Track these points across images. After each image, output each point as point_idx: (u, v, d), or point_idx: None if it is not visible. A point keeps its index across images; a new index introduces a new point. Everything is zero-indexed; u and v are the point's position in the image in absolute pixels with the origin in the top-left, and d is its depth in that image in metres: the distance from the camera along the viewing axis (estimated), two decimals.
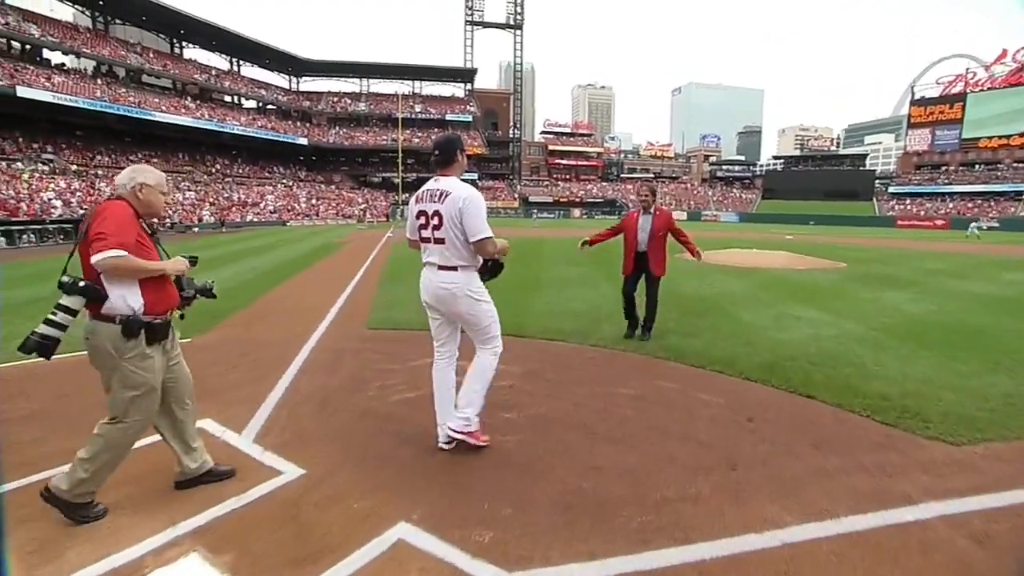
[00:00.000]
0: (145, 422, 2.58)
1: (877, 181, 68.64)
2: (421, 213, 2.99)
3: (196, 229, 32.11)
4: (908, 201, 60.48)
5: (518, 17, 70.51)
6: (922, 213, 54.89)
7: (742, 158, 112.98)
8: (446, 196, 2.90)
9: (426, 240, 3.00)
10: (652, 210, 5.55)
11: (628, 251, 5.63)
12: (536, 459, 3.11)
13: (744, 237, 26.71)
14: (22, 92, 33.82)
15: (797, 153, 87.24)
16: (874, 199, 63.29)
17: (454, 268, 2.95)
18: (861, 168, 72.12)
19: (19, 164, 31.54)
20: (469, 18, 69.35)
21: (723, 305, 7.69)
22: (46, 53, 40.50)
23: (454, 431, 3.11)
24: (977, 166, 59.52)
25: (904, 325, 6.56)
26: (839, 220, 52.62)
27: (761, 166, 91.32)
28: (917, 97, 65.27)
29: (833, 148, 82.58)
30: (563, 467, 3.01)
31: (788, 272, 11.85)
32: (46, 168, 32.96)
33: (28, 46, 38.88)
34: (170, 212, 33.21)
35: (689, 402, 3.98)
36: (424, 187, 3.06)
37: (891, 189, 64.58)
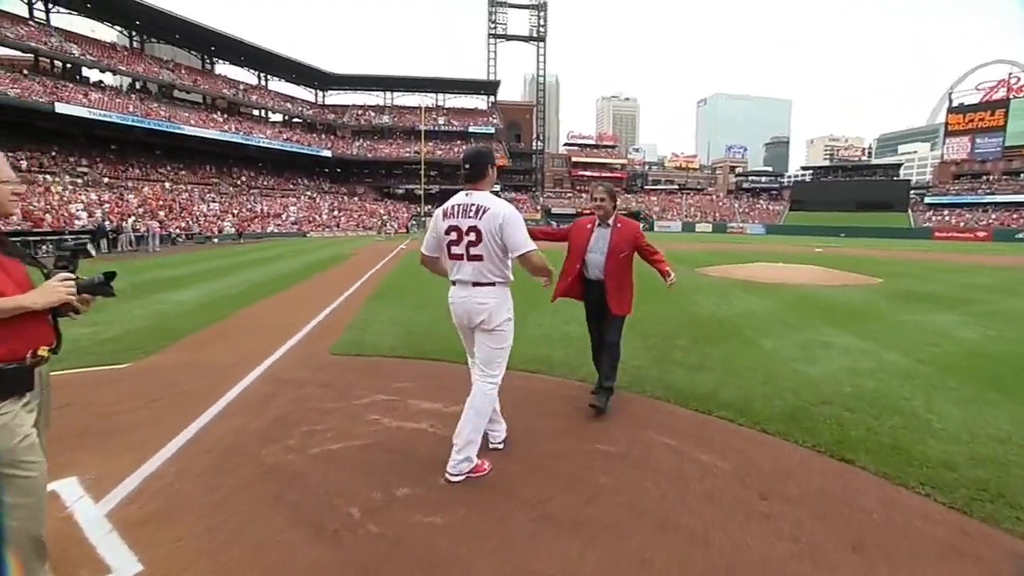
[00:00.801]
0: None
1: (912, 191, 65.65)
2: (452, 229, 2.85)
3: (215, 240, 32.26)
4: (946, 212, 57.51)
5: (541, 30, 70.27)
6: (962, 224, 52.06)
7: (769, 169, 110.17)
8: (484, 211, 2.79)
9: (457, 257, 2.88)
10: (611, 222, 3.83)
11: (566, 272, 3.89)
12: (458, 559, 2.24)
13: (771, 250, 25.39)
14: (60, 108, 34.92)
15: (826, 163, 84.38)
16: (909, 210, 60.47)
17: (491, 284, 2.86)
18: (895, 178, 69.13)
19: (48, 176, 32.23)
20: (492, 31, 69.45)
21: (742, 329, 6.68)
22: (85, 71, 41.81)
23: (455, 476, 2.88)
24: (1023, 175, 56.31)
25: (959, 356, 5.47)
26: (872, 232, 50.32)
27: (789, 177, 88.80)
28: (955, 104, 62.35)
29: (864, 158, 79.34)
30: (490, 571, 2.14)
31: (818, 289, 10.70)
32: (79, 181, 33.66)
33: (68, 64, 40.18)
34: (190, 222, 33.56)
35: (685, 467, 3.06)
36: (453, 201, 2.90)
37: (927, 199, 61.61)
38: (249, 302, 8.74)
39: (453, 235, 2.84)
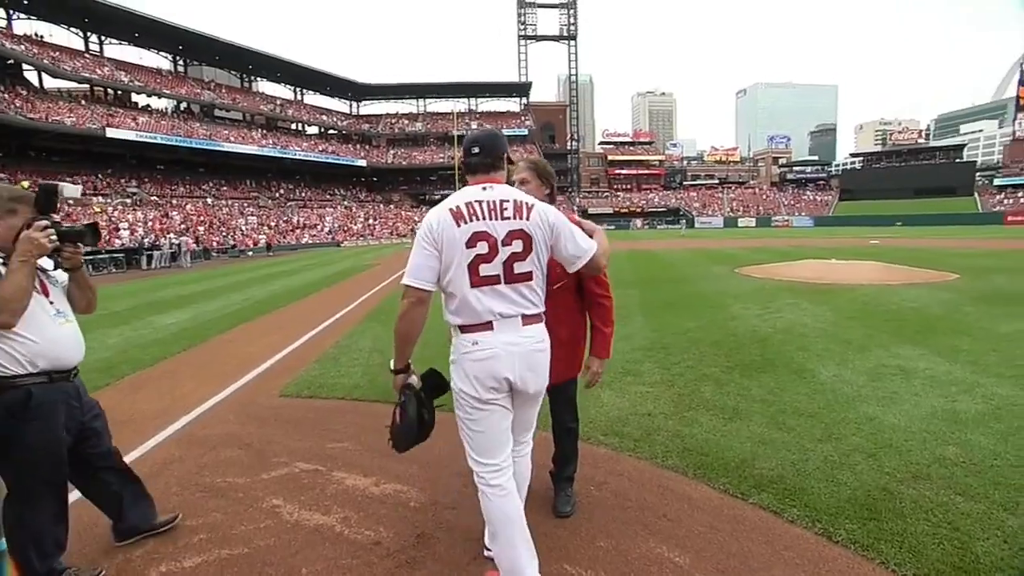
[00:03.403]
0: None
1: (978, 174, 60.42)
2: (478, 237, 1.81)
3: (250, 253, 32.55)
4: (1021, 194, 52.41)
5: (572, 28, 68.81)
6: None
7: (815, 158, 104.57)
8: (528, 209, 1.86)
9: (489, 281, 1.82)
10: None
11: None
12: None
13: (820, 245, 23.29)
14: (111, 133, 36.38)
15: (878, 149, 79.15)
16: (976, 194, 55.58)
17: (540, 318, 1.92)
18: (958, 160, 63.83)
19: (101, 198, 33.34)
20: (522, 33, 68.55)
21: (790, 351, 5.33)
22: (134, 96, 43.50)
23: None
24: None
25: None
26: (933, 220, 46.42)
27: (837, 165, 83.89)
28: None
29: (921, 141, 73.82)
30: None
31: (881, 290, 9.07)
32: (127, 201, 34.74)
33: (119, 91, 41.91)
34: (226, 236, 34.01)
35: None
36: (467, 197, 1.87)
37: (997, 182, 56.49)
38: (233, 325, 8.08)
39: (481, 246, 1.81)
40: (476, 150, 1.95)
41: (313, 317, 8.48)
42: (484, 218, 1.83)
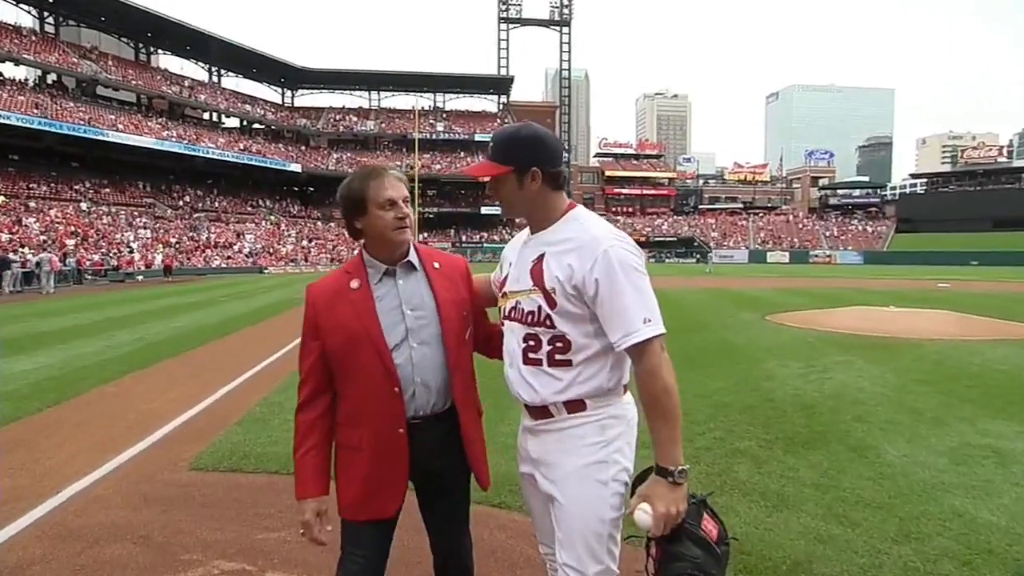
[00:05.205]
0: None
1: None
2: None
3: (140, 278, 32.03)
4: None
5: (565, 12, 71.52)
6: None
7: (865, 179, 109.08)
8: None
9: None
10: (417, 256, 1.99)
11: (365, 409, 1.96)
12: None
13: (872, 287, 24.10)
14: None
15: (947, 169, 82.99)
16: None
17: None
18: None
19: None
20: (504, 14, 70.78)
21: (845, 423, 5.43)
22: None
23: None
24: None
25: None
26: (1018, 258, 47.80)
27: (893, 189, 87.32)
28: None
29: (1002, 159, 77.14)
30: None
31: (956, 347, 9.35)
32: None
33: None
34: (109, 254, 33.37)
35: None
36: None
37: None
38: (121, 372, 7.97)
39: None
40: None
41: (233, 364, 8.41)
42: None
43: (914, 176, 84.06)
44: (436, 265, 2.01)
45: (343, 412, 1.92)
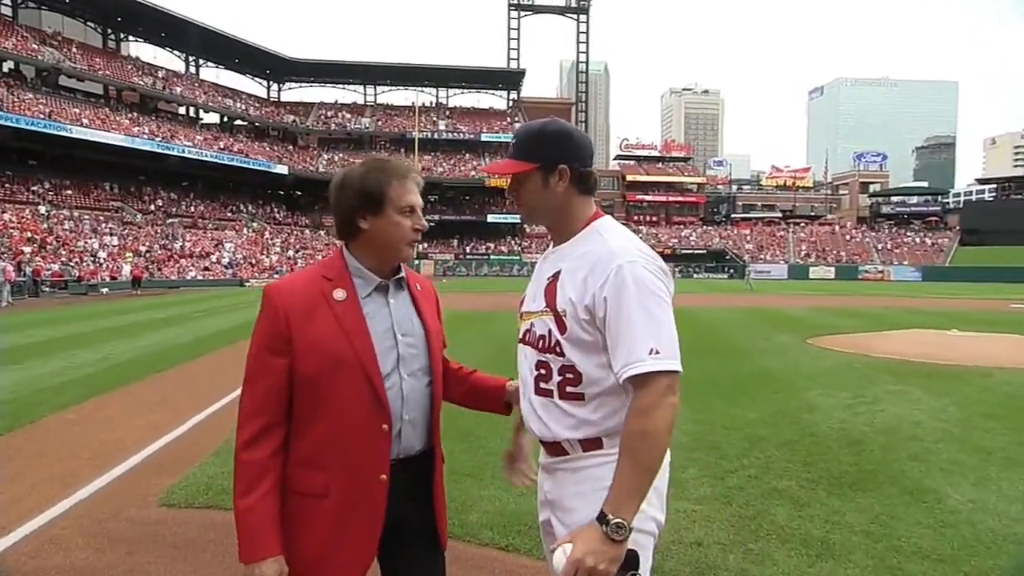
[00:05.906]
0: None
1: None
2: None
3: (105, 291, 32.32)
4: None
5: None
6: None
7: (924, 184, 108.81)
8: None
9: None
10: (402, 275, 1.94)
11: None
12: None
13: (932, 307, 23.97)
14: None
15: (1020, 172, 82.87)
16: None
17: None
18: None
19: None
20: (515, 1, 71.42)
21: (899, 461, 5.41)
22: None
23: None
24: None
25: None
26: None
27: (956, 195, 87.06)
28: None
29: None
30: None
31: None
32: None
33: None
34: (71, 262, 33.67)
35: None
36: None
37: None
38: (82, 397, 8.01)
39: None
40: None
41: (207, 388, 8.47)
42: None
43: (981, 181, 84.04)
44: (418, 287, 1.96)
45: (301, 451, 1.74)
